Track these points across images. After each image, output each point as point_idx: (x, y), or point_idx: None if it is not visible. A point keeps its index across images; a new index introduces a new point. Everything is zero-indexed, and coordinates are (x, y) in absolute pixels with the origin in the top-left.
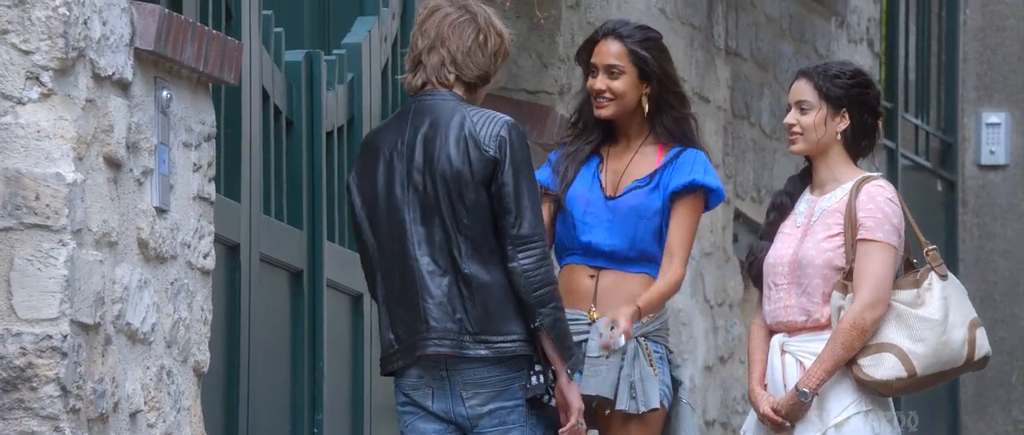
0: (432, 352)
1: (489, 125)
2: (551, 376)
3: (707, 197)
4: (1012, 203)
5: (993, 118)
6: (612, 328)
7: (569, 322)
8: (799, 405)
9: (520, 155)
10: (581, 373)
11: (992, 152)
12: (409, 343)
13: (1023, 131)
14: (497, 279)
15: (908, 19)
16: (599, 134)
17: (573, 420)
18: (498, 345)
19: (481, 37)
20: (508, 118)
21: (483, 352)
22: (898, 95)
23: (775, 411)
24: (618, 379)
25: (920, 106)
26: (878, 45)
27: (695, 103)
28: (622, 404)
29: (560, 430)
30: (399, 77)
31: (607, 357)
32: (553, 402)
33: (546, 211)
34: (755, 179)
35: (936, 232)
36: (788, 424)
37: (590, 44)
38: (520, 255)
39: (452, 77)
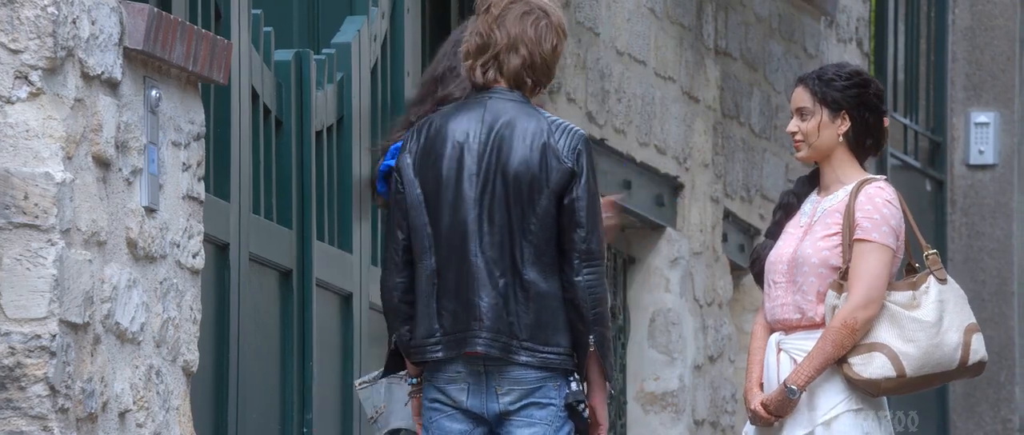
0: (482, 350)
1: (567, 136)
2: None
3: None
4: (1001, 202)
5: (982, 118)
6: None
7: None
8: (787, 401)
9: (593, 170)
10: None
11: (981, 152)
12: (457, 337)
13: (1012, 131)
14: (553, 289)
15: (897, 19)
16: None
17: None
18: (543, 355)
19: (558, 44)
20: (581, 130)
21: (526, 358)
22: (887, 95)
23: (764, 406)
24: None
25: (909, 106)
26: (867, 45)
27: (684, 102)
28: None
29: None
30: (465, 63)
31: None
32: (586, 413)
33: None
34: (744, 179)
35: (925, 232)
36: (775, 421)
37: None
38: (586, 270)
39: (530, 82)
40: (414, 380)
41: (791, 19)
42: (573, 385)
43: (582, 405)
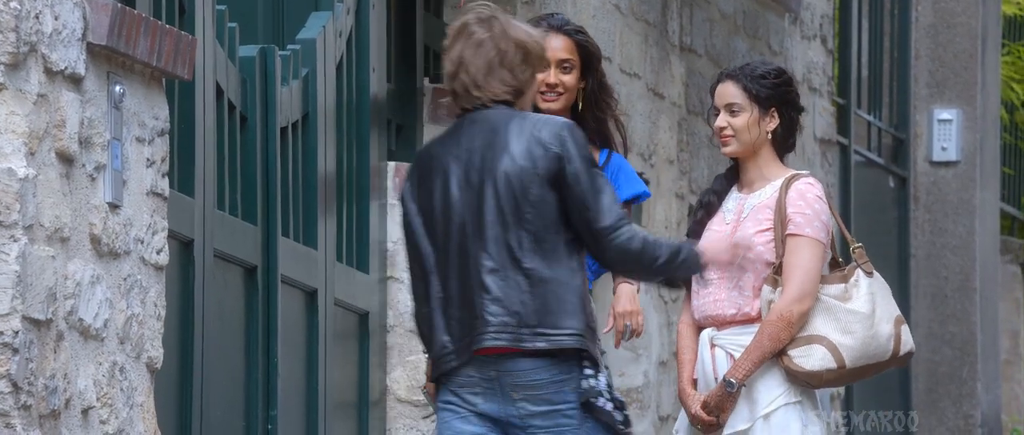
0: (490, 346)
1: (549, 125)
2: (602, 381)
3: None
4: (963, 199)
5: (945, 115)
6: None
7: None
8: (726, 396)
9: (582, 151)
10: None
11: (944, 149)
12: (465, 341)
13: (974, 128)
14: (557, 275)
15: (861, 16)
16: None
17: (736, 246)
18: (555, 337)
19: (499, 53)
20: (565, 120)
21: (541, 345)
22: (851, 92)
23: (704, 407)
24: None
25: (873, 103)
26: (831, 42)
27: (650, 99)
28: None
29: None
30: (443, 101)
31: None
32: (608, 406)
33: None
34: (709, 175)
35: (888, 228)
36: (719, 422)
37: None
38: (611, 244)
39: (481, 98)
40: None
41: (755, 16)
42: (585, 383)
43: (600, 400)
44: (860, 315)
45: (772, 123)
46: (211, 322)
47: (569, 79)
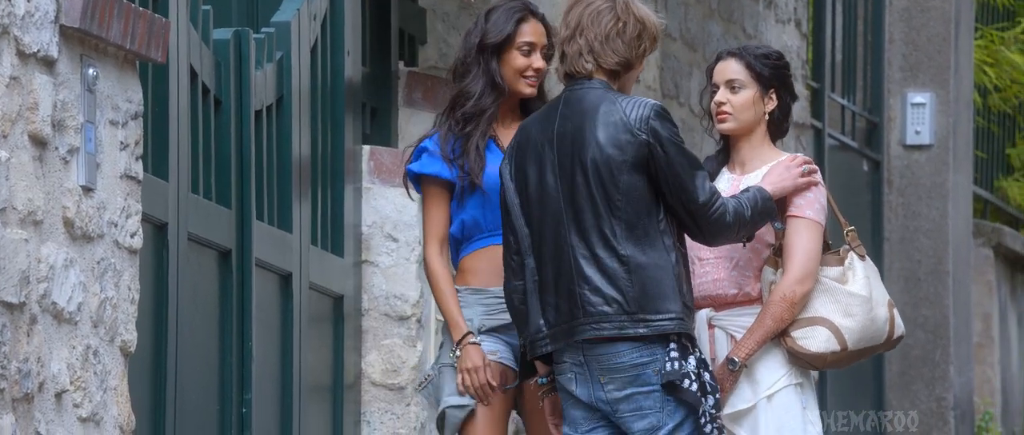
0: (592, 336)
1: (637, 109)
2: (689, 363)
3: None
4: (936, 183)
5: (918, 98)
6: None
7: (493, 298)
8: (728, 375)
9: (671, 134)
10: None
11: (917, 132)
12: (563, 328)
13: (947, 111)
14: (653, 259)
15: (834, 0)
16: (490, 117)
17: (793, 169)
18: (656, 323)
19: (619, 24)
20: (654, 101)
21: (642, 331)
22: (825, 75)
23: None
24: None
25: (846, 86)
26: (805, 25)
27: None
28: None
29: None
30: (553, 67)
31: None
32: (693, 387)
33: (443, 202)
34: None
35: (862, 211)
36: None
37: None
38: (706, 223)
39: (590, 66)
40: (544, 380)
41: (730, 0)
42: (669, 366)
43: (685, 381)
44: (860, 298)
45: (770, 104)
46: (185, 306)
47: (545, 64)
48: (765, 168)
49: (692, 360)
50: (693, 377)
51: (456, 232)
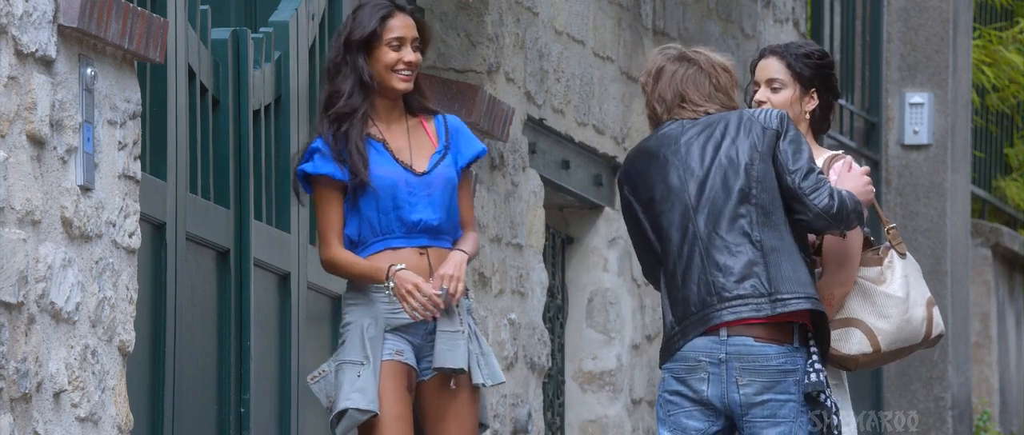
0: (731, 319)
1: (767, 112)
2: (824, 377)
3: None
4: (935, 182)
5: (916, 98)
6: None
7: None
8: None
9: (795, 130)
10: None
11: (915, 132)
12: (700, 315)
13: (945, 111)
14: (787, 244)
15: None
16: (364, 115)
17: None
18: (791, 301)
19: (714, 80)
20: (780, 110)
21: (780, 310)
22: None
23: None
24: (468, 353)
25: (845, 86)
26: (804, 25)
27: (623, 82)
28: (476, 377)
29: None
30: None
31: (463, 331)
32: (829, 402)
33: (337, 201)
34: None
35: None
36: None
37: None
38: (813, 204)
39: (699, 113)
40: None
41: None
42: (812, 377)
43: (823, 395)
44: (896, 299)
45: (811, 104)
46: (183, 305)
47: (418, 57)
48: None
49: (823, 375)
50: (827, 393)
51: (352, 234)
